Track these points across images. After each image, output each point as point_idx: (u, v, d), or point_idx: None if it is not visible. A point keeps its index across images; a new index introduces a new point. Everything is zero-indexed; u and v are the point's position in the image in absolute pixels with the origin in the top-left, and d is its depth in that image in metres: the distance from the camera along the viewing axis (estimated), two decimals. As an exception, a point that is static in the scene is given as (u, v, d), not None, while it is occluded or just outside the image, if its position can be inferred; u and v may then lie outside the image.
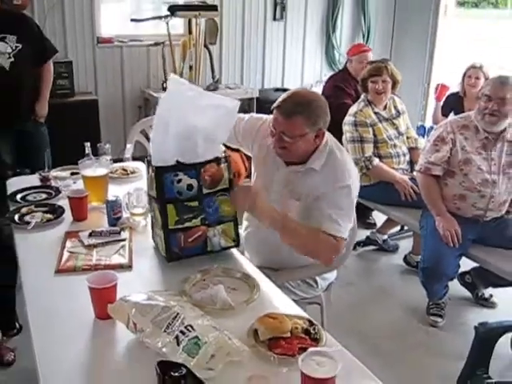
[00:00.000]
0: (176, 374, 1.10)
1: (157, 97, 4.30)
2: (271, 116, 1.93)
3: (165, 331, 1.24)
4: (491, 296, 3.09)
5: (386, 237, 3.78)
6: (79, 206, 2.13)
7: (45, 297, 1.60)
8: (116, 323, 1.40)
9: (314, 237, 1.84)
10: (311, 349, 1.21)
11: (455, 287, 3.09)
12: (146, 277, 1.74)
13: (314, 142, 1.90)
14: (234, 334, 1.31)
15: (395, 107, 3.51)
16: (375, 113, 3.39)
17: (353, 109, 3.41)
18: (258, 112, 2.45)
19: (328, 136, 1.95)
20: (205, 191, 1.73)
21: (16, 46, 3.19)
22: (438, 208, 2.77)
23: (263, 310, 1.48)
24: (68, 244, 1.90)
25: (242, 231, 2.16)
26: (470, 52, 3.93)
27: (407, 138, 3.53)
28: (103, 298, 1.43)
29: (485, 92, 2.68)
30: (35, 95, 3.45)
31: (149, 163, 1.78)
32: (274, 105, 1.89)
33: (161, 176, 1.69)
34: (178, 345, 1.20)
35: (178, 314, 1.28)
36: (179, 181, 1.70)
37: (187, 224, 1.73)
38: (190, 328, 1.23)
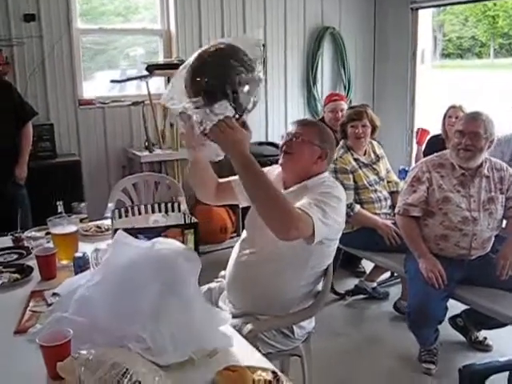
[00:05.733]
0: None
1: (140, 156, 4.30)
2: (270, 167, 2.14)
3: (113, 389, 1.17)
4: (485, 339, 2.98)
5: (375, 284, 3.69)
6: (47, 265, 2.07)
7: (-1, 358, 1.52)
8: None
9: (283, 198, 1.69)
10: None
11: (448, 331, 2.98)
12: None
13: (315, 162, 2.00)
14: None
15: (374, 152, 3.50)
16: (355, 159, 3.37)
17: (332, 155, 3.40)
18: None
19: (327, 174, 2.06)
20: None
21: None
22: (419, 249, 2.71)
23: (227, 362, 1.40)
24: (31, 303, 1.83)
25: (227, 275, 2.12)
26: (454, 99, 3.97)
27: (388, 182, 3.50)
28: (55, 356, 1.34)
29: (458, 128, 2.69)
30: (15, 158, 3.46)
31: (113, 222, 1.76)
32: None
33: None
34: (124, 402, 1.12)
35: (127, 369, 1.20)
36: None
37: None
38: (138, 384, 1.15)
